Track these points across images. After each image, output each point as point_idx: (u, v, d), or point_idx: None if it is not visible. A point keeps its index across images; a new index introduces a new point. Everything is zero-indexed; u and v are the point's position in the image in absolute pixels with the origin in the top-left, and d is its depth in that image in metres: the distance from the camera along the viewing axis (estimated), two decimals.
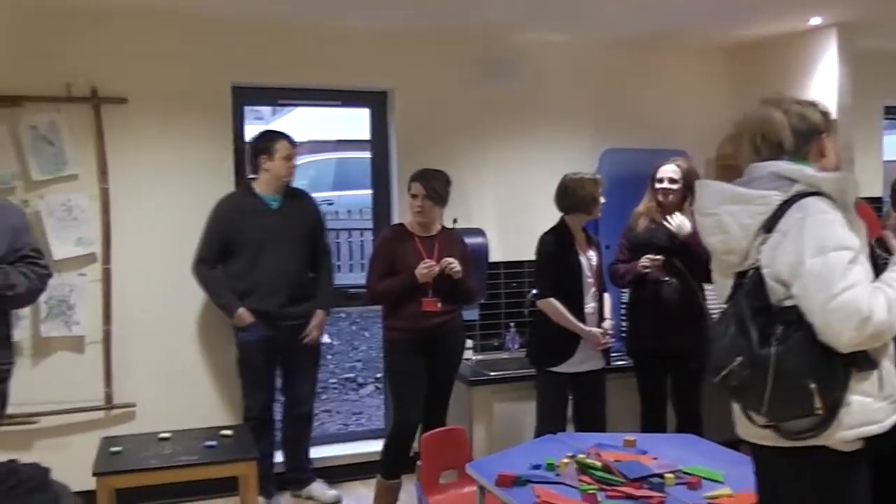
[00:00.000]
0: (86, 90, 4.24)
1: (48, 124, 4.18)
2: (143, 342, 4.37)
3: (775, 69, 5.13)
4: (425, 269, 3.91)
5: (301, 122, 9.84)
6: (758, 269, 2.09)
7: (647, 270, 4.12)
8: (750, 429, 2.19)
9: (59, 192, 4.21)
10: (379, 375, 7.40)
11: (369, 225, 5.66)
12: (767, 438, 2.14)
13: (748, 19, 4.77)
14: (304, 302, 4.31)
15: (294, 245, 4.27)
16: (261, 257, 4.21)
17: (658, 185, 4.19)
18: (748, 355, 2.02)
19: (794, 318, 2.00)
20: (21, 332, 4.14)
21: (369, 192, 5.21)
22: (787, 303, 2.04)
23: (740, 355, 2.03)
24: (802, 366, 1.97)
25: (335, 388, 7.09)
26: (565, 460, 3.12)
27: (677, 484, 2.90)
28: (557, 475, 3.06)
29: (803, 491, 2.13)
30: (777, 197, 2.10)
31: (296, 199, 4.40)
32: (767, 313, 2.04)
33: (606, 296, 4.21)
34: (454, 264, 3.95)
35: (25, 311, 4.11)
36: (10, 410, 3.94)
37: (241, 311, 4.18)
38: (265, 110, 12.13)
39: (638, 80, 5.35)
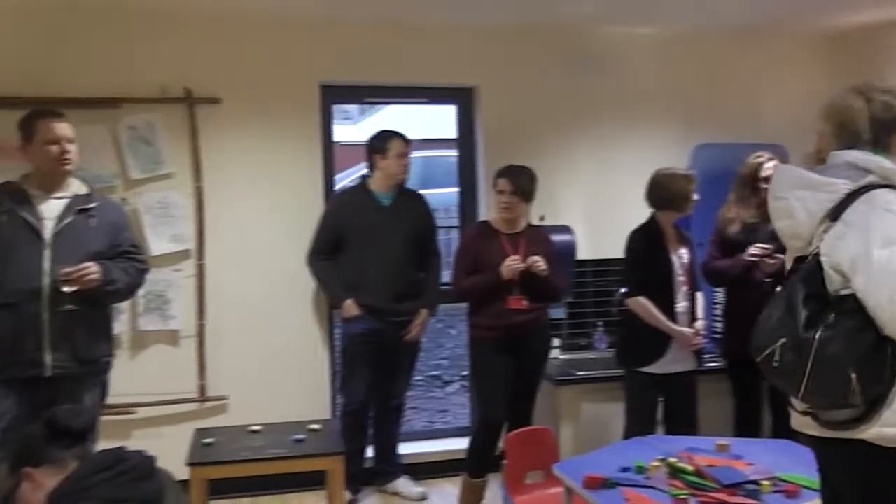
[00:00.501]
0: (180, 91, 4.36)
1: (145, 125, 4.32)
2: (235, 336, 4.47)
3: (880, 58, 4.89)
4: (510, 265, 3.87)
5: (387, 122, 9.91)
6: (816, 256, 2.07)
7: (754, 259, 3.96)
8: (795, 417, 2.18)
9: (155, 191, 4.35)
10: (464, 374, 7.39)
11: (455, 223, 5.65)
12: (809, 427, 2.14)
13: (851, 5, 4.56)
14: (410, 300, 4.36)
15: (403, 243, 4.32)
16: (370, 253, 4.27)
17: (766, 185, 4.01)
18: (792, 337, 2.01)
19: (850, 308, 1.98)
20: (120, 325, 4.28)
21: (455, 190, 5.21)
22: (844, 292, 2.02)
23: (784, 337, 2.03)
24: (846, 354, 1.95)
25: (421, 386, 7.12)
26: (655, 464, 3.04)
27: (774, 492, 2.79)
28: (647, 479, 2.98)
29: (846, 483, 2.12)
30: (845, 186, 2.07)
31: (409, 198, 4.46)
32: (820, 300, 2.03)
33: (699, 295, 4.08)
34: (540, 262, 3.91)
35: (124, 306, 4.25)
36: (109, 401, 4.10)
37: (349, 302, 4.25)
38: (353, 111, 12.28)
39: (731, 72, 5.18)
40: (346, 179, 7.29)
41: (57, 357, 3.30)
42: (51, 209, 3.37)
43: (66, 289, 3.23)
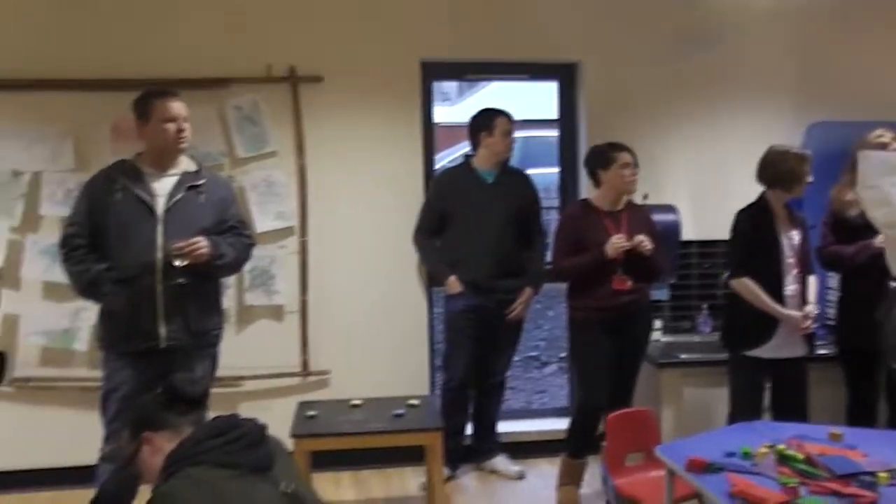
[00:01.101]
0: (285, 70, 4.43)
1: (251, 104, 4.41)
2: (337, 312, 4.55)
3: None
4: (616, 244, 3.79)
5: (486, 103, 9.88)
6: None
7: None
8: None
9: (260, 169, 4.45)
10: (563, 355, 7.33)
11: (553, 204, 5.60)
12: None
13: None
14: (513, 277, 4.34)
15: (507, 220, 4.31)
16: (474, 230, 4.28)
17: None
18: None
19: None
20: (227, 300, 4.41)
21: (554, 170, 5.14)
22: None
23: None
24: None
25: (519, 366, 7.08)
26: (763, 450, 2.94)
27: (891, 484, 2.65)
28: (754, 465, 2.89)
29: None
30: None
31: (513, 176, 4.45)
32: None
33: (811, 279, 3.91)
34: (646, 241, 3.82)
35: (231, 281, 4.38)
36: (218, 373, 4.23)
37: (452, 279, 4.28)
38: (452, 91, 12.30)
39: (850, 46, 4.92)
40: (443, 161, 7.31)
41: (170, 329, 3.42)
42: (163, 186, 3.50)
43: (177, 263, 3.35)
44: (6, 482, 4.26)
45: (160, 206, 3.46)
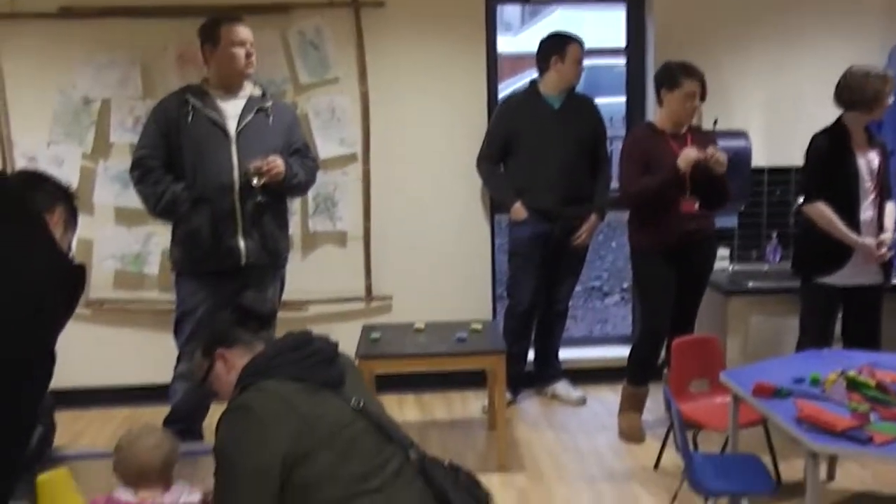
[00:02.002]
0: None
1: (314, 30, 4.39)
2: (400, 238, 4.57)
3: None
4: (688, 154, 3.65)
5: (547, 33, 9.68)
6: None
7: None
8: None
9: (323, 95, 4.44)
10: (625, 286, 7.29)
11: (619, 133, 5.49)
12: None
13: None
14: (579, 204, 4.30)
15: (573, 146, 4.25)
16: (539, 156, 4.23)
17: None
18: None
19: None
20: (292, 226, 4.45)
21: (620, 99, 5.03)
22: None
23: None
24: None
25: (581, 296, 7.07)
26: (833, 376, 2.89)
27: None
28: (823, 391, 2.85)
29: None
30: None
31: (579, 101, 4.37)
32: None
33: (889, 205, 3.77)
34: (719, 154, 3.68)
35: (295, 207, 4.43)
36: (284, 297, 4.30)
37: (517, 206, 4.26)
38: (514, 22, 12.05)
39: None
40: (505, 91, 7.20)
41: (249, 247, 3.55)
42: (232, 108, 3.53)
43: (255, 182, 3.45)
44: (86, 399, 4.44)
45: (232, 127, 3.51)
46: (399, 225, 4.57)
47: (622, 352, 4.73)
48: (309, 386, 2.06)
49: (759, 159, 4.54)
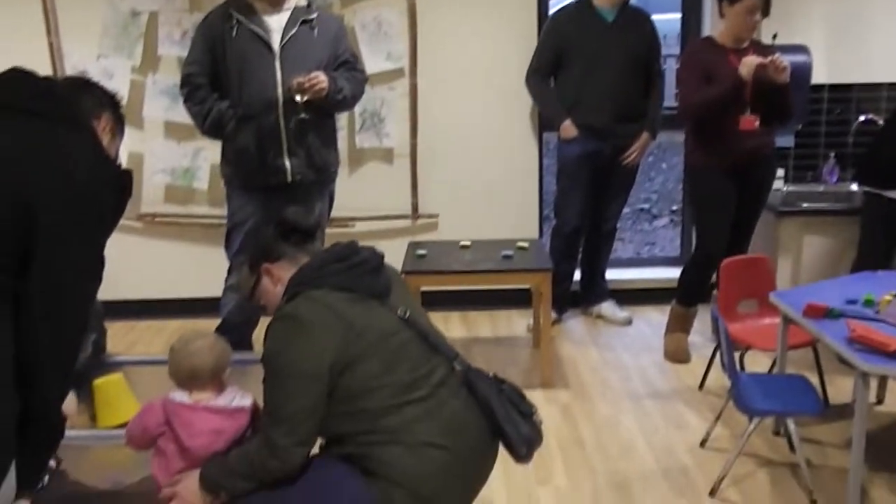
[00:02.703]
0: None
1: None
2: (447, 156, 4.54)
3: None
4: (750, 61, 3.50)
5: None
6: None
7: None
8: None
9: (370, 8, 4.35)
10: (674, 208, 7.17)
11: (674, 51, 5.31)
12: None
13: None
14: (632, 122, 4.20)
15: (627, 62, 4.13)
16: (591, 71, 4.12)
17: None
18: None
19: None
20: (339, 142, 4.45)
21: (675, 16, 4.85)
22: None
23: None
24: None
25: (629, 218, 6.99)
26: (888, 297, 2.83)
27: None
28: (877, 312, 2.79)
29: None
30: None
31: (633, 15, 4.22)
32: None
33: None
34: (783, 60, 3.52)
35: (342, 123, 4.40)
36: (332, 214, 4.32)
37: (567, 123, 4.17)
38: None
39: None
40: (557, 4, 6.99)
41: (294, 164, 3.53)
42: (277, 21, 3.49)
43: (298, 98, 3.40)
44: (139, 311, 4.56)
45: (276, 41, 3.46)
46: (446, 142, 4.52)
47: (669, 273, 4.70)
48: (356, 296, 2.07)
49: (819, 76, 4.37)
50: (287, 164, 3.53)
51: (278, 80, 3.45)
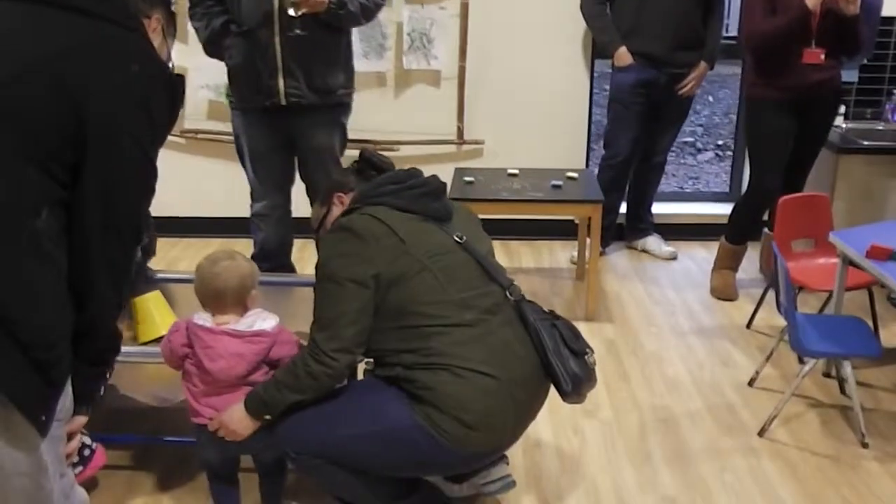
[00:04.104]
0: None
1: None
2: (495, 80, 4.42)
3: None
4: None
5: None
6: None
7: None
8: None
9: None
10: (720, 143, 7.03)
11: None
12: None
13: None
14: (689, 51, 4.05)
15: None
16: None
17: None
18: None
19: None
20: (385, 63, 4.36)
21: None
22: None
23: None
24: None
25: (672, 151, 6.83)
26: None
27: None
28: None
29: None
30: None
31: None
32: None
33: None
34: None
35: (390, 43, 4.30)
36: (374, 137, 4.24)
37: (622, 50, 4.04)
38: None
39: None
40: None
41: (290, 84, 3.19)
42: None
43: (291, 11, 3.04)
44: (182, 228, 4.55)
45: None
46: (495, 66, 4.40)
47: (715, 209, 4.62)
48: (411, 215, 2.07)
49: (890, 8, 4.18)
50: (280, 84, 3.18)
51: None
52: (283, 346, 2.10)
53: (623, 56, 4.04)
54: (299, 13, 3.04)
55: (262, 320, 2.09)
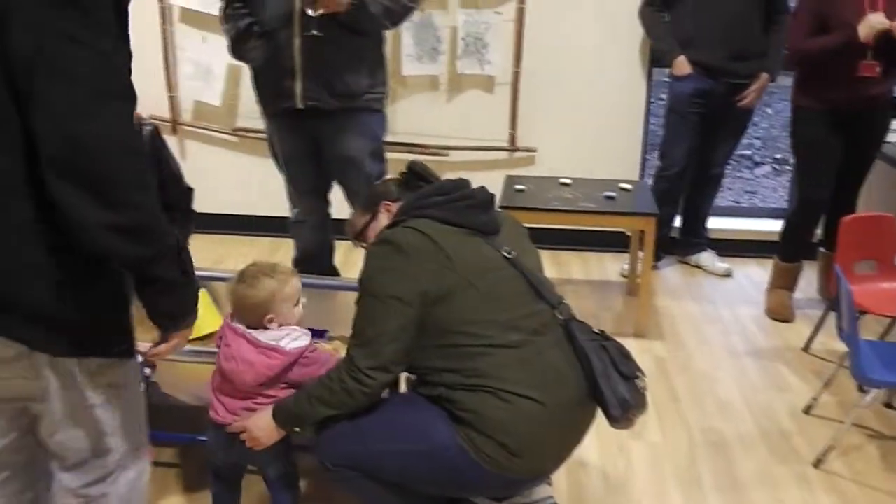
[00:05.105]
0: None
1: None
2: (549, 87, 4.35)
3: None
4: (873, 22, 3.22)
5: None
6: None
7: None
8: None
9: None
10: (778, 156, 6.85)
11: None
12: None
13: None
14: (750, 60, 3.94)
15: None
16: (709, 4, 3.86)
17: None
18: None
19: None
20: (438, 67, 4.31)
21: None
22: None
23: None
24: None
25: (729, 164, 6.68)
26: None
27: None
28: None
29: None
30: None
31: None
32: None
33: None
34: None
35: (444, 47, 4.25)
36: (425, 141, 4.19)
37: (680, 59, 3.94)
38: None
39: None
40: None
41: (307, 87, 3.07)
42: None
43: (310, 11, 2.92)
44: (230, 225, 4.56)
45: None
46: (550, 72, 4.32)
47: (772, 225, 4.48)
48: (458, 229, 2.00)
49: None
50: (297, 87, 3.06)
51: None
52: (308, 369, 2.06)
53: (681, 65, 3.94)
54: (318, 13, 2.92)
55: (289, 338, 2.05)
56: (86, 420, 1.54)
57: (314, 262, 3.53)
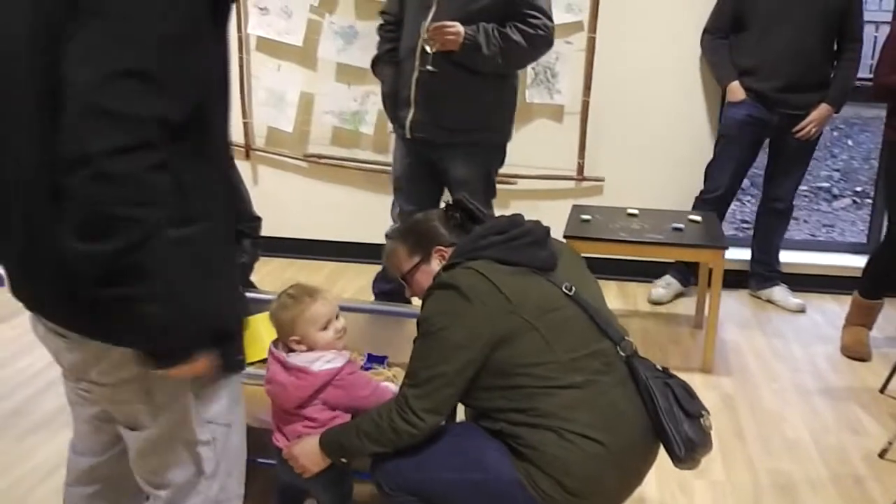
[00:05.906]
0: None
1: None
2: (618, 117, 4.32)
3: None
4: None
5: None
6: None
7: None
8: None
9: None
10: (858, 189, 6.64)
11: (885, 17, 4.81)
12: None
13: None
14: (808, 92, 3.86)
15: (813, 23, 3.76)
16: (770, 33, 3.80)
17: None
18: None
19: None
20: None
21: None
22: None
23: None
24: None
25: (805, 197, 6.52)
26: None
27: None
28: None
29: None
30: None
31: None
32: None
33: None
34: None
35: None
36: None
37: (734, 84, 3.90)
38: None
39: None
40: None
41: (416, 119, 3.20)
42: None
43: (427, 48, 3.05)
44: (298, 249, 4.64)
45: None
46: (619, 102, 4.29)
47: (850, 261, 4.35)
48: (516, 268, 1.96)
49: None
50: (408, 117, 3.22)
51: (425, 26, 3.06)
52: (345, 391, 2.07)
53: (735, 91, 3.89)
54: (433, 50, 3.05)
55: (322, 360, 2.06)
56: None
57: (392, 280, 3.55)
